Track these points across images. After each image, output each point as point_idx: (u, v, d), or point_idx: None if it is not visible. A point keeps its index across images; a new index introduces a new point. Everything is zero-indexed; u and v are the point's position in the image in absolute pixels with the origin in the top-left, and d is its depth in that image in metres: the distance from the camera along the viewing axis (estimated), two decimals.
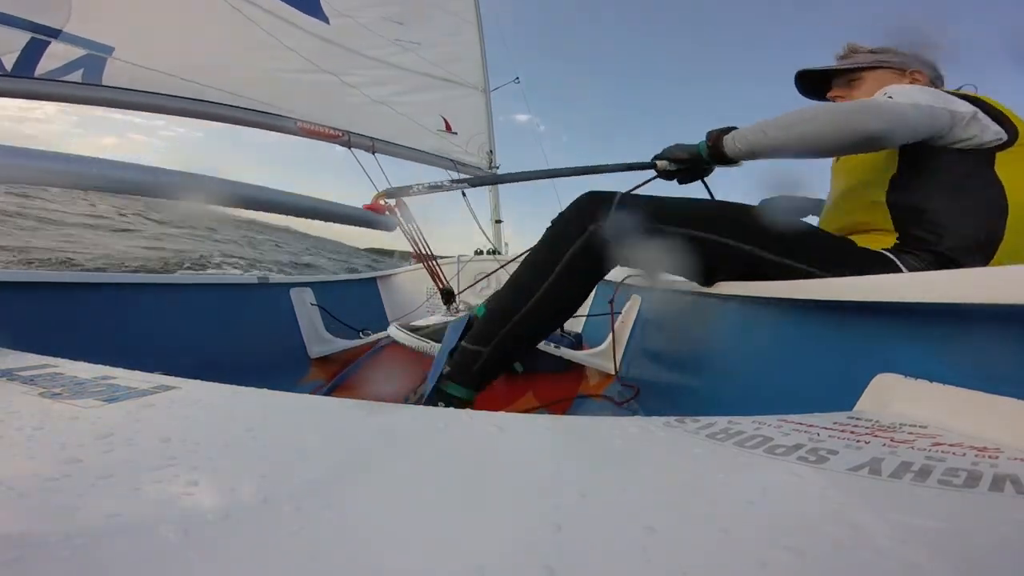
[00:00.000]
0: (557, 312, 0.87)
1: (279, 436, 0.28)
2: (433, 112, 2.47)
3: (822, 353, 0.54)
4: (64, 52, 1.40)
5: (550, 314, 0.85)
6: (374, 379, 1.31)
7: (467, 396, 0.84)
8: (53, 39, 1.38)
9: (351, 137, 2.04)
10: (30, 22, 1.33)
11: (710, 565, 0.15)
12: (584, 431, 0.31)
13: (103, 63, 1.47)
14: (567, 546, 0.16)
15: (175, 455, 0.23)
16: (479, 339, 0.84)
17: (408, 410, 0.33)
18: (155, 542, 0.16)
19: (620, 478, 0.23)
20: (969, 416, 0.31)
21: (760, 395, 0.64)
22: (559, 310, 0.86)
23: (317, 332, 1.60)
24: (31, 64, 1.35)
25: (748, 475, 0.24)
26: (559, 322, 0.95)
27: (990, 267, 0.33)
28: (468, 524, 0.18)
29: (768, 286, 0.64)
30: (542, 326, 0.88)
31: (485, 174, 2.60)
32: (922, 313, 0.40)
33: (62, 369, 0.36)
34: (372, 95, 2.15)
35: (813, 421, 0.32)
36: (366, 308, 2.14)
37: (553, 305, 0.84)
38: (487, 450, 0.27)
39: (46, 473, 0.20)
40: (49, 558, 0.15)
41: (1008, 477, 0.22)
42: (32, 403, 0.29)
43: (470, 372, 0.84)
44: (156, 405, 0.30)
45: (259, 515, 0.18)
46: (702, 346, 0.91)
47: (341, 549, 0.16)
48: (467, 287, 1.98)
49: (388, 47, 2.23)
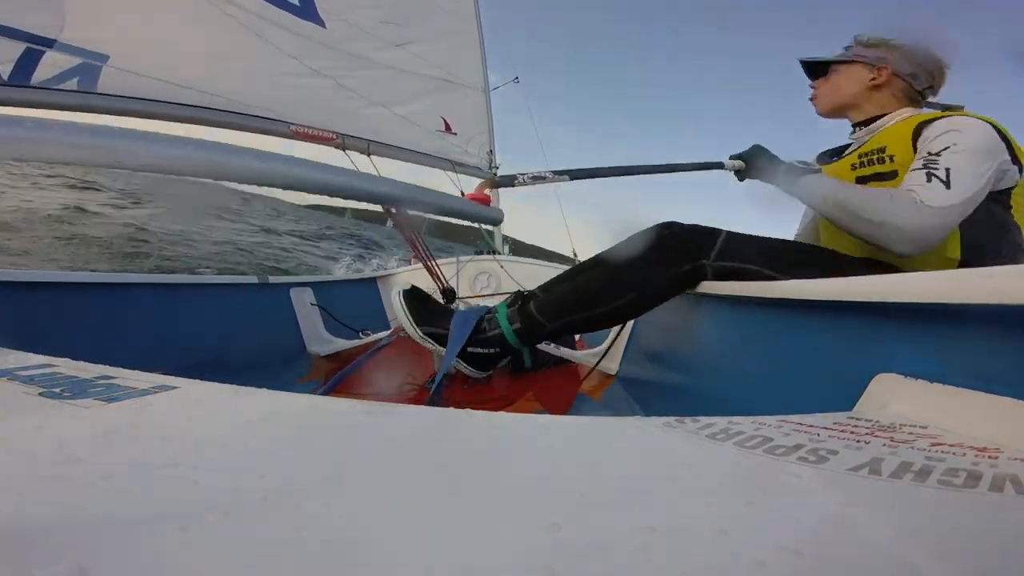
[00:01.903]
0: (625, 317, 0.99)
1: (279, 436, 0.28)
2: (432, 113, 2.46)
3: (822, 353, 0.54)
4: (59, 61, 1.40)
5: (619, 317, 0.97)
6: (373, 378, 1.31)
7: (516, 345, 0.98)
8: (48, 48, 1.38)
9: (345, 140, 2.02)
10: (25, 32, 1.34)
11: (710, 565, 0.15)
12: (584, 431, 0.31)
13: (98, 71, 1.47)
14: (567, 546, 0.16)
15: (175, 455, 0.23)
16: (548, 316, 0.95)
17: (407, 410, 0.33)
18: (155, 542, 0.16)
19: (620, 478, 0.23)
20: (969, 416, 0.31)
21: (760, 395, 0.64)
22: (626, 316, 0.97)
23: (317, 332, 1.60)
24: (27, 74, 1.35)
25: (748, 475, 0.24)
26: (620, 323, 1.10)
27: (990, 267, 0.33)
28: (468, 524, 0.18)
29: (768, 286, 0.64)
30: (609, 323, 1.01)
31: (579, 169, 2.59)
32: (922, 313, 0.40)
33: (62, 369, 0.36)
34: (371, 97, 2.15)
35: (813, 421, 0.32)
36: (366, 308, 2.14)
37: (627, 312, 0.94)
38: (487, 450, 0.27)
39: (46, 473, 0.20)
40: (49, 558, 0.15)
41: (1008, 477, 0.22)
42: (32, 403, 0.29)
43: (533, 335, 0.97)
44: (156, 405, 0.29)
45: (259, 515, 0.18)
46: (702, 346, 0.91)
47: (341, 548, 0.16)
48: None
49: (387, 49, 2.22)
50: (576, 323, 0.95)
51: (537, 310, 0.95)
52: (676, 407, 0.93)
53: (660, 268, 0.89)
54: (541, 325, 0.95)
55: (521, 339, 0.97)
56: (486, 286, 2.56)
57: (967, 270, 0.34)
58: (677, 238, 0.91)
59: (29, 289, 0.95)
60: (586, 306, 0.93)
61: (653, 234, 0.91)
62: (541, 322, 0.94)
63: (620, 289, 0.91)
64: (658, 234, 0.91)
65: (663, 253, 0.90)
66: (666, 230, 0.91)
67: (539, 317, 0.94)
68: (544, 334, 0.97)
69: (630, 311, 0.94)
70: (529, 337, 0.97)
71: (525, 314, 0.96)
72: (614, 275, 0.92)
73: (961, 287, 0.34)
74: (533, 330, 0.96)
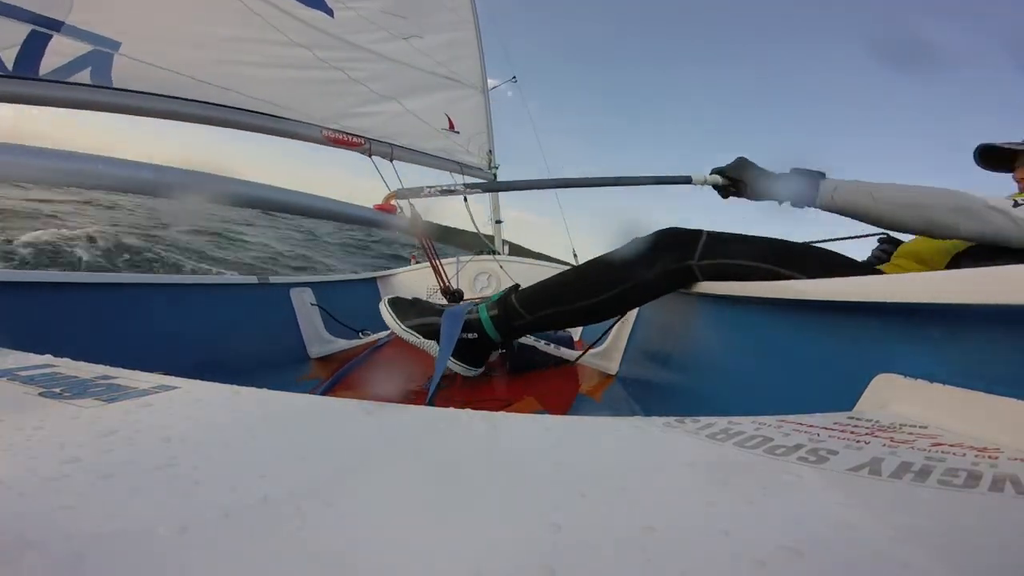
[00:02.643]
0: (604, 314, 0.99)
1: (279, 436, 0.28)
2: (438, 110, 2.46)
3: (822, 353, 0.54)
4: (68, 48, 1.30)
5: (597, 314, 0.98)
6: (373, 378, 1.32)
7: (495, 337, 0.99)
8: (55, 32, 1.28)
9: (372, 145, 2.03)
10: (29, 12, 1.23)
11: (710, 565, 0.15)
12: (584, 431, 0.31)
13: (110, 60, 1.37)
14: (567, 546, 0.16)
15: (175, 455, 0.23)
16: (527, 305, 0.97)
17: (407, 410, 0.33)
18: (155, 542, 0.16)
19: (620, 478, 0.23)
20: (969, 416, 0.31)
21: (760, 395, 0.64)
22: (605, 312, 0.98)
23: (317, 332, 1.60)
24: (34, 62, 1.25)
25: (748, 475, 0.24)
26: (598, 321, 1.09)
27: (990, 267, 0.32)
28: (467, 524, 0.18)
29: (768, 287, 0.64)
30: (588, 319, 1.01)
31: (497, 181, 2.61)
32: (922, 313, 0.40)
33: (62, 369, 0.36)
34: (381, 91, 2.13)
35: (813, 421, 0.32)
36: (366, 308, 2.14)
37: (606, 308, 0.95)
38: (486, 450, 0.27)
39: (46, 473, 0.20)
40: (49, 558, 0.15)
41: (1008, 477, 0.22)
42: (32, 403, 0.29)
43: (509, 323, 0.98)
44: (156, 405, 0.29)
45: (259, 514, 0.18)
46: (702, 347, 0.91)
47: (340, 549, 0.16)
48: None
49: (393, 41, 2.19)
50: (554, 317, 0.96)
51: (517, 300, 0.98)
52: (676, 407, 0.93)
53: (643, 267, 0.91)
54: (519, 315, 0.97)
55: (497, 326, 0.98)
56: (486, 286, 2.56)
57: (967, 270, 0.34)
58: (663, 239, 0.92)
59: (29, 289, 0.95)
60: (565, 300, 0.95)
61: (645, 237, 0.93)
62: (519, 312, 0.97)
63: (601, 286, 0.93)
64: (648, 237, 0.93)
65: (648, 253, 0.92)
66: (657, 233, 0.93)
67: (517, 306, 0.97)
68: (521, 325, 0.98)
69: (609, 308, 0.96)
70: (504, 324, 0.98)
71: (505, 303, 0.99)
72: (599, 273, 0.95)
73: (961, 287, 0.34)
74: (509, 318, 0.97)
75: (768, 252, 0.85)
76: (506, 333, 1.00)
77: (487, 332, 0.99)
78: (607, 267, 0.95)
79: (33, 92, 1.26)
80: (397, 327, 1.03)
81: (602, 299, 0.93)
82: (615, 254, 0.95)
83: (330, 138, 1.89)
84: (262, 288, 1.55)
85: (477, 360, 1.04)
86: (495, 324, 0.98)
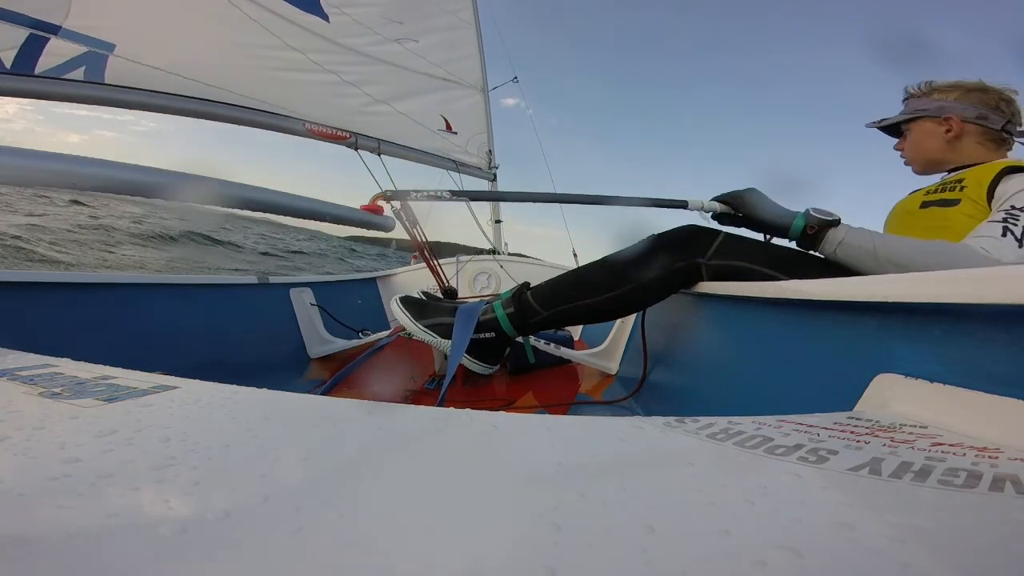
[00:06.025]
0: (618, 311, 0.99)
1: (279, 436, 0.28)
2: (433, 112, 2.47)
3: (822, 353, 0.54)
4: (64, 49, 1.37)
5: (612, 311, 0.98)
6: (373, 378, 1.32)
7: (511, 332, 1.00)
8: (52, 35, 1.35)
9: (358, 139, 2.04)
10: (28, 17, 1.30)
11: (710, 565, 0.15)
12: (584, 431, 0.31)
13: (104, 61, 1.44)
14: (567, 546, 0.16)
15: (175, 455, 0.23)
16: (543, 301, 0.97)
17: (407, 410, 0.33)
18: (155, 542, 0.16)
19: (620, 478, 0.23)
20: (969, 416, 0.31)
21: (760, 395, 0.64)
22: (620, 309, 0.98)
23: (317, 332, 1.60)
24: (31, 62, 1.32)
25: (748, 475, 0.24)
26: (612, 318, 1.11)
27: (990, 267, 0.32)
28: (468, 524, 0.18)
29: (768, 286, 0.64)
30: (603, 316, 1.01)
31: (487, 191, 2.60)
32: (922, 313, 0.40)
33: (62, 369, 0.36)
34: (374, 94, 2.15)
35: (813, 421, 0.32)
36: (366, 308, 2.15)
37: (621, 305, 0.95)
38: (487, 450, 0.27)
39: (46, 473, 0.20)
40: (49, 558, 0.15)
41: (1008, 477, 0.22)
42: (32, 403, 0.29)
43: (525, 321, 0.99)
44: (156, 405, 0.29)
45: (259, 515, 0.18)
46: (702, 346, 0.91)
47: (341, 549, 0.16)
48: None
49: (387, 44, 2.22)
50: (569, 312, 0.96)
51: (533, 297, 0.98)
52: (676, 407, 0.93)
53: (656, 263, 0.91)
54: (535, 311, 0.97)
55: (514, 323, 0.99)
56: (486, 286, 2.57)
57: (967, 270, 0.34)
58: (677, 236, 0.93)
59: (29, 289, 0.95)
60: (580, 295, 0.95)
61: (658, 234, 0.93)
62: (535, 308, 0.97)
63: (616, 281, 0.93)
64: (661, 233, 0.93)
65: (661, 249, 0.92)
66: (678, 228, 0.93)
67: (533, 303, 0.97)
68: (537, 321, 0.98)
69: (623, 304, 0.96)
70: (522, 321, 0.99)
71: (520, 300, 0.99)
72: (613, 269, 0.95)
73: (961, 287, 0.34)
74: (526, 316, 0.98)
75: (778, 261, 0.86)
76: (521, 329, 1.01)
77: (504, 330, 0.99)
78: (620, 264, 0.95)
79: (27, 87, 1.32)
80: (414, 327, 1.02)
81: (617, 294, 0.93)
82: (630, 249, 0.96)
83: (313, 131, 1.89)
84: (262, 288, 1.55)
85: (495, 358, 1.05)
86: (511, 322, 0.98)
